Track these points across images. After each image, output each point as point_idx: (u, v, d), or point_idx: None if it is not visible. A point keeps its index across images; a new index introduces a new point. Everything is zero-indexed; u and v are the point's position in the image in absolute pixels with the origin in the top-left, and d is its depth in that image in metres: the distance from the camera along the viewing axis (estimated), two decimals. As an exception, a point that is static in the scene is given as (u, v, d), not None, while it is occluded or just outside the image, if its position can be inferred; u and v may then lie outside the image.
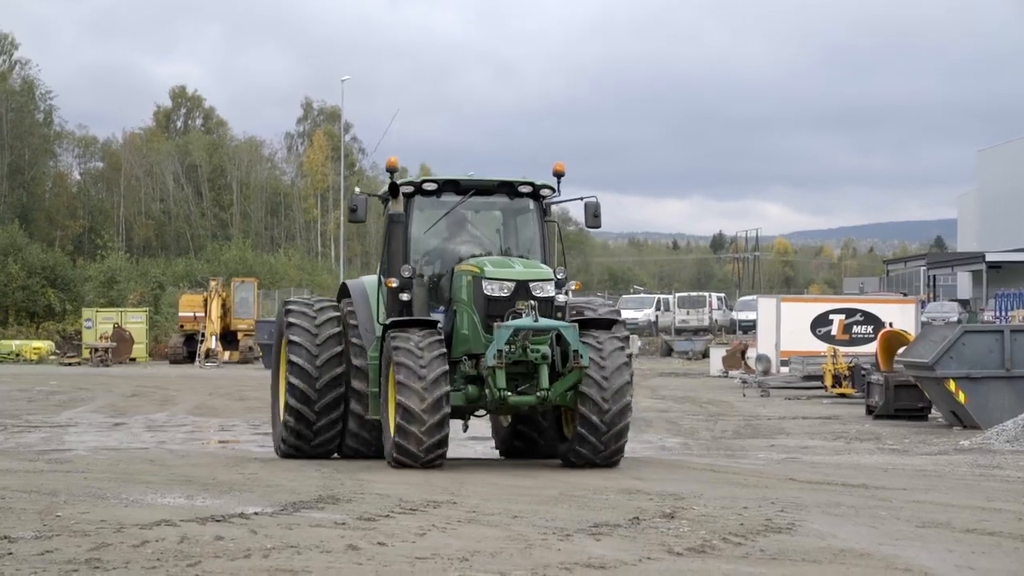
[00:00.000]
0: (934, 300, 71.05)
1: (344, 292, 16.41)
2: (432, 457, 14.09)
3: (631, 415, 14.73)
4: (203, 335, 56.03)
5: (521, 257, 15.38)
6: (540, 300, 14.28)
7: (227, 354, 56.20)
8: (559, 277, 15.02)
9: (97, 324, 59.06)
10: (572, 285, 15.62)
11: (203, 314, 56.53)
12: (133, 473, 14.72)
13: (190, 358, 56.40)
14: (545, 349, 13.95)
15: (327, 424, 15.71)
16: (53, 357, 58.50)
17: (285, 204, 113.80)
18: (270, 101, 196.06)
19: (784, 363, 39.60)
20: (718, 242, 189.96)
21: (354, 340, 15.58)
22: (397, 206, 15.28)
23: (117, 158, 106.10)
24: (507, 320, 14.04)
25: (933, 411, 26.91)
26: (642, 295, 79.42)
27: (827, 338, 39.30)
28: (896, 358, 27.19)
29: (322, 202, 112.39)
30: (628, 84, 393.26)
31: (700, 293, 76.51)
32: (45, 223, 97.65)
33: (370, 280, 16.05)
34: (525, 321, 13.86)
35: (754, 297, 55.55)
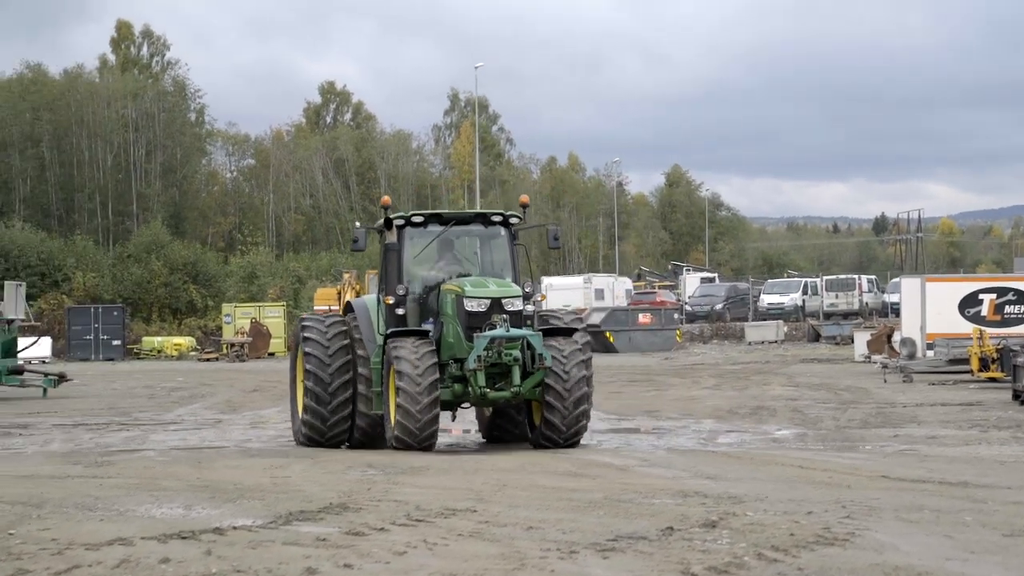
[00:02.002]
0: (1105, 278, 67.29)
1: (349, 308, 18.94)
2: (426, 441, 16.37)
3: (589, 405, 17.05)
4: (337, 328, 55.37)
5: (495, 275, 17.91)
6: (511, 313, 16.85)
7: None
8: (527, 291, 17.60)
9: (236, 319, 59.01)
10: (538, 296, 18.58)
11: (337, 307, 55.98)
12: (159, 478, 13.71)
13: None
14: (516, 353, 16.35)
15: (338, 420, 17.92)
16: (193, 353, 58.63)
17: (433, 196, 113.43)
18: (422, 96, 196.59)
19: (930, 346, 37.14)
20: (880, 224, 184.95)
21: (359, 350, 17.92)
22: (391, 236, 17.94)
23: (266, 155, 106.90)
24: (484, 331, 16.46)
25: (1086, 396, 24.69)
26: (788, 279, 76.63)
27: (977, 319, 36.79)
28: (1044, 338, 25.02)
29: (468, 193, 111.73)
30: (783, 65, 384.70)
31: (849, 276, 73.29)
32: (198, 220, 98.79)
33: (370, 298, 18.67)
34: (499, 331, 16.34)
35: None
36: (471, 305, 16.82)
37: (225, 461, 16.10)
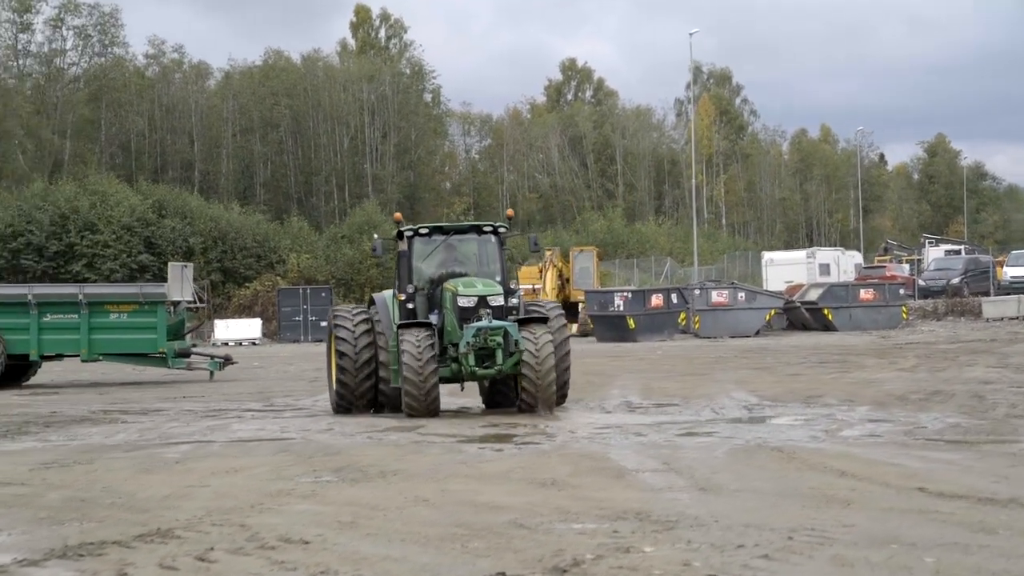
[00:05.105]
0: None
1: (372, 302, 22.42)
2: (430, 407, 19.74)
3: (557, 377, 20.20)
4: (538, 308, 53.57)
5: (488, 275, 21.35)
6: (494, 308, 20.40)
7: (560, 327, 53.59)
8: (512, 288, 21.37)
9: (439, 299, 57.77)
10: (520, 292, 21.89)
11: (540, 285, 54.17)
12: (63, 487, 11.90)
13: (532, 332, 54.01)
14: (499, 339, 19.86)
15: (364, 391, 21.61)
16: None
17: (672, 172, 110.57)
18: (673, 71, 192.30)
19: None
20: None
21: (379, 334, 21.47)
22: (403, 245, 21.48)
23: (502, 134, 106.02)
24: (473, 322, 20.02)
25: None
26: (1037, 250, 70.36)
27: None
28: None
29: (708, 168, 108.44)
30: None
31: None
32: (433, 201, 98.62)
33: (388, 293, 22.20)
34: (483, 323, 19.85)
35: None
36: (463, 301, 20.40)
37: (198, 463, 14.19)
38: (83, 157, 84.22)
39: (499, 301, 20.73)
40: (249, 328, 59.16)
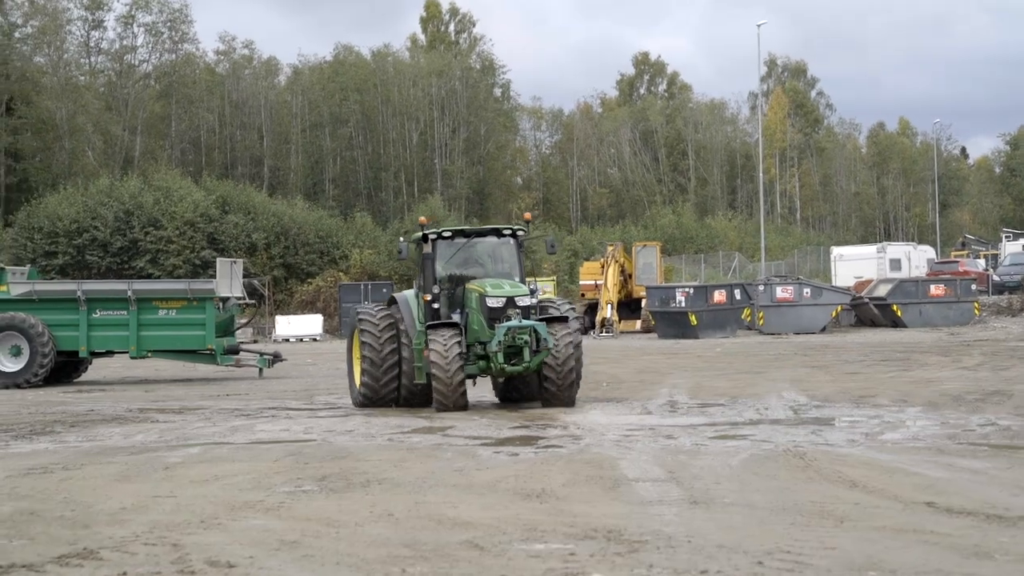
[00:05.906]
0: None
1: (393, 301, 23.09)
2: (457, 403, 20.77)
3: (576, 375, 21.29)
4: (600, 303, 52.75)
5: (506, 275, 22.39)
6: (521, 308, 21.27)
7: (622, 323, 52.76)
8: (531, 288, 22.11)
9: (503, 295, 57.09)
10: (539, 292, 22.70)
11: (602, 280, 53.33)
12: (20, 498, 11.42)
13: (594, 328, 53.29)
14: (526, 338, 20.69)
15: (386, 384, 22.33)
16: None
17: (746, 166, 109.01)
18: (750, 64, 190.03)
19: None
20: None
21: (403, 332, 22.24)
22: (427, 248, 22.36)
23: (571, 128, 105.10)
24: (503, 322, 20.87)
25: None
26: None
27: None
28: None
29: (781, 161, 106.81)
30: None
31: None
32: (502, 196, 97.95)
33: (409, 293, 23.11)
34: (514, 323, 20.69)
35: None
36: (491, 302, 21.16)
37: (188, 469, 13.57)
38: (153, 153, 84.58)
39: (526, 302, 21.63)
40: (310, 324, 58.86)
